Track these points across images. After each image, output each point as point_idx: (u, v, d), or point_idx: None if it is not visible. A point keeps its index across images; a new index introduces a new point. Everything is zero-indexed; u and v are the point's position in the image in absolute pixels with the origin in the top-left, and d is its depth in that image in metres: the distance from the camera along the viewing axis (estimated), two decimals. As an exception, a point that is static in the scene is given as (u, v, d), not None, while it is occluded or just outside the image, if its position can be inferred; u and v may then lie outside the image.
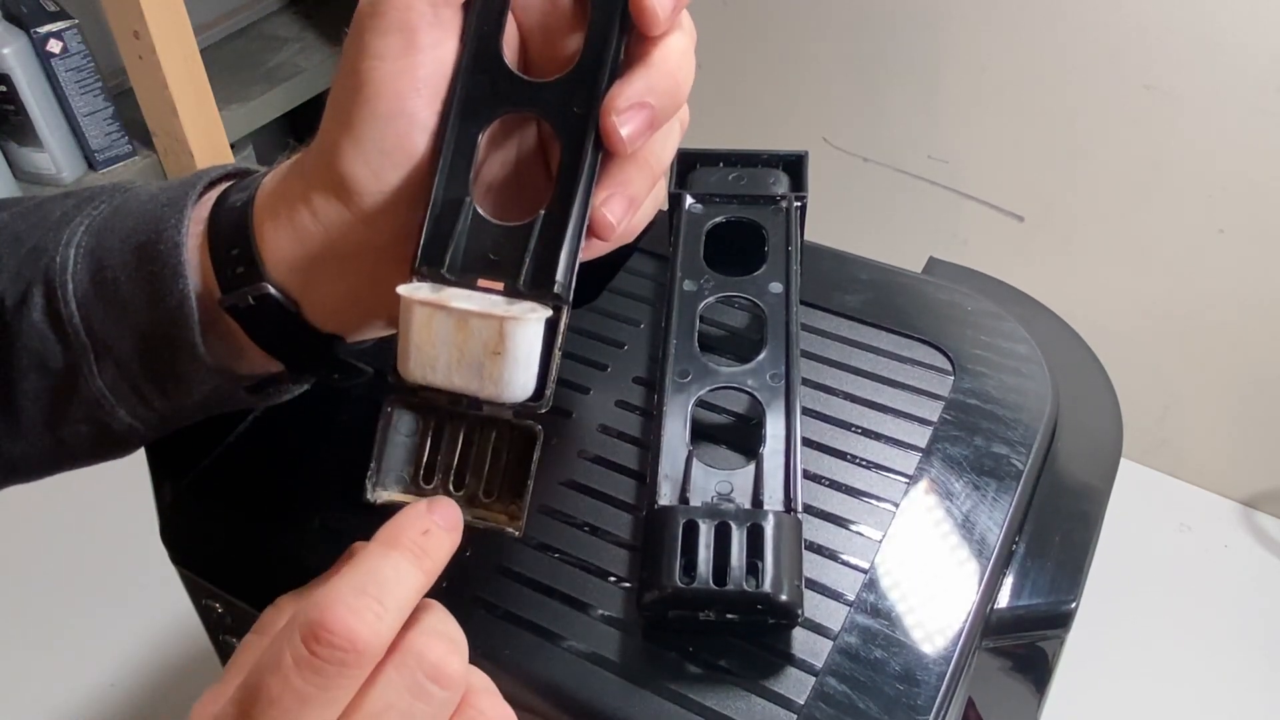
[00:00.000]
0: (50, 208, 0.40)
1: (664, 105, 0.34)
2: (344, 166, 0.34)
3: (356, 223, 0.35)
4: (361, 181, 0.34)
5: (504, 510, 0.35)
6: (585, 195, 0.33)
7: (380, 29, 0.33)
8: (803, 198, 0.53)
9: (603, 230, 0.34)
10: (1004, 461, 0.46)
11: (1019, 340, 0.52)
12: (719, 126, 1.18)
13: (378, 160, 0.34)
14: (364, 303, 0.38)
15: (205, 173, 0.39)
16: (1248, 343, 0.95)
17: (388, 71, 0.33)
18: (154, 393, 0.38)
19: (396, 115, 0.33)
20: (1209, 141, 0.90)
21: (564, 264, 0.33)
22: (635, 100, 0.33)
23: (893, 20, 1.01)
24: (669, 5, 0.33)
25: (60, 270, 0.37)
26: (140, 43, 1.03)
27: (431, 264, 0.34)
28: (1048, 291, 0.61)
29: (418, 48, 0.33)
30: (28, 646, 1.00)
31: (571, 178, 0.33)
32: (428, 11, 0.33)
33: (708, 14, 1.10)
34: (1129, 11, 0.88)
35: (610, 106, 0.33)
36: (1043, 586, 0.45)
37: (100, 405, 0.38)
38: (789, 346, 0.47)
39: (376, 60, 0.33)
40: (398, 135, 0.33)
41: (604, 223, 0.34)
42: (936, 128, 1.04)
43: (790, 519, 0.40)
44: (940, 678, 0.39)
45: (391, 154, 0.34)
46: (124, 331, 0.37)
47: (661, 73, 0.33)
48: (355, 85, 0.33)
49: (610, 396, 0.49)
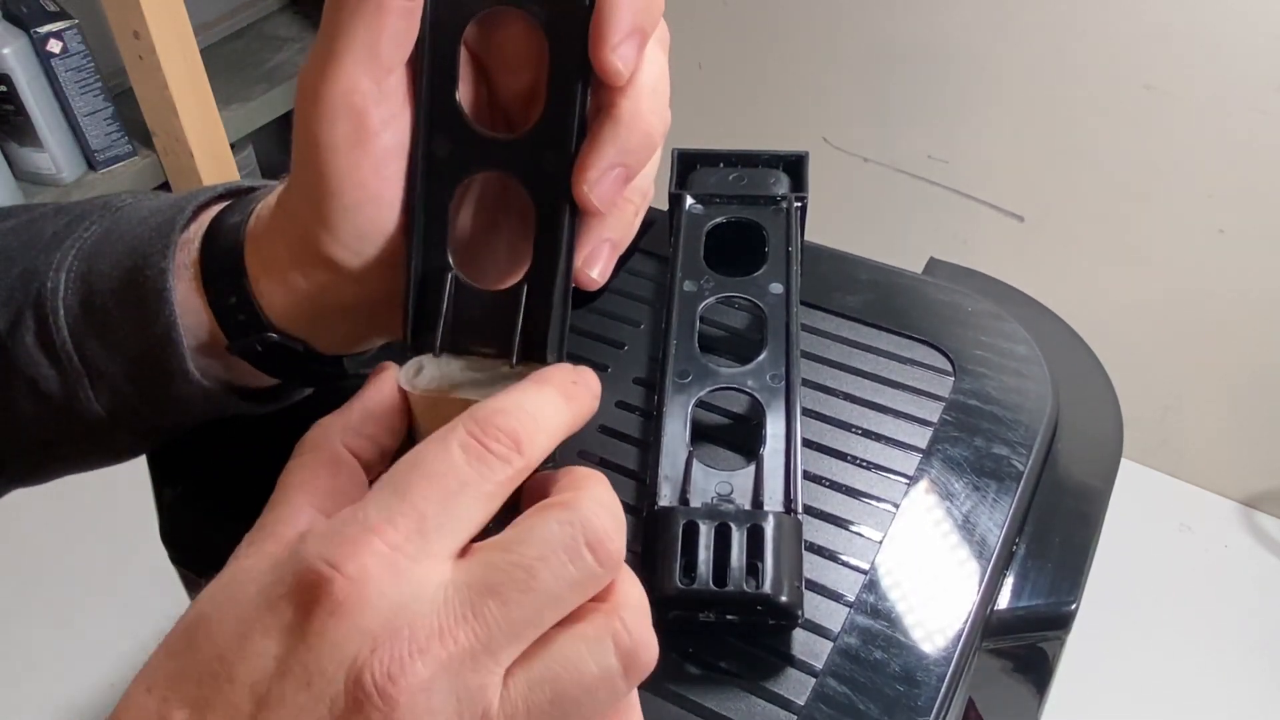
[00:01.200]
0: (42, 226, 0.39)
1: (639, 159, 0.32)
2: (325, 252, 0.33)
3: (349, 285, 0.35)
4: (345, 261, 0.34)
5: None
6: (567, 260, 0.33)
7: (327, 117, 0.31)
8: (803, 198, 0.53)
9: (588, 285, 0.34)
10: (1004, 462, 0.46)
11: (1019, 341, 0.52)
12: (719, 126, 1.18)
13: (357, 244, 0.33)
14: (369, 333, 0.38)
15: (194, 195, 0.39)
16: (1248, 343, 0.95)
17: (345, 163, 0.32)
18: (152, 413, 0.38)
19: (364, 203, 0.32)
20: (1209, 141, 0.89)
21: (554, 333, 0.33)
22: (606, 165, 0.31)
23: (893, 21, 1.01)
24: (631, 56, 0.31)
25: (51, 295, 0.37)
26: (140, 43, 1.03)
27: (422, 339, 0.33)
28: (1048, 291, 0.61)
29: (370, 131, 0.31)
30: (28, 646, 1.00)
31: (550, 243, 0.33)
32: (372, 89, 0.31)
33: (708, 14, 1.10)
34: (1129, 12, 0.88)
35: (581, 177, 0.31)
36: (1043, 587, 0.45)
37: (99, 426, 0.38)
38: (789, 347, 0.47)
39: (330, 153, 0.31)
40: (370, 219, 0.33)
41: (589, 280, 0.33)
42: (936, 128, 1.04)
43: (790, 520, 0.40)
44: (940, 679, 0.39)
45: (369, 236, 0.33)
46: (116, 357, 0.37)
47: (632, 128, 0.32)
48: (315, 179, 0.32)
49: (610, 397, 0.49)
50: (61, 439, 0.39)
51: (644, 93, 0.32)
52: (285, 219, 0.35)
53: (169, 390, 0.37)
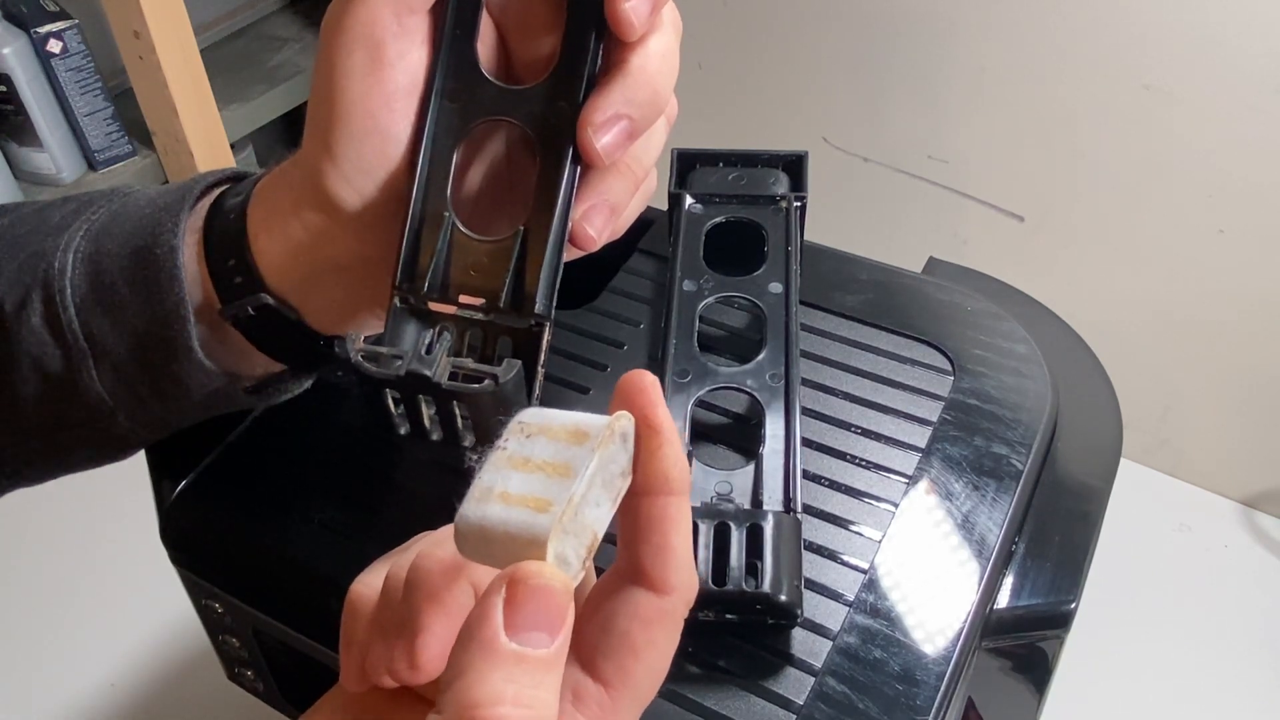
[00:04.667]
0: (49, 213, 0.40)
1: (644, 115, 0.33)
2: (327, 185, 0.34)
3: (346, 236, 0.35)
4: (345, 199, 0.34)
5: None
6: (565, 209, 0.33)
7: (346, 45, 0.32)
8: (803, 198, 0.53)
9: (584, 243, 0.34)
10: (1004, 461, 0.46)
11: (1019, 340, 0.52)
12: (719, 126, 1.18)
13: (359, 178, 0.34)
14: (363, 307, 0.38)
15: (202, 177, 0.39)
16: (1248, 343, 0.95)
17: (357, 89, 0.32)
18: (152, 396, 0.39)
19: (371, 132, 0.33)
20: (1209, 141, 0.89)
21: (544, 285, 0.33)
22: (612, 113, 0.32)
23: (893, 20, 1.01)
24: (644, 10, 0.32)
25: (59, 275, 0.37)
26: (140, 43, 1.03)
27: (411, 281, 0.33)
28: (1048, 291, 0.61)
29: (385, 62, 0.32)
30: (28, 646, 1.00)
31: (550, 191, 0.33)
32: (392, 23, 0.32)
33: (708, 14, 1.10)
34: (1129, 11, 0.88)
35: (586, 120, 0.32)
36: (1042, 587, 0.45)
37: (100, 409, 0.38)
38: (789, 347, 0.47)
39: (345, 78, 0.32)
40: (375, 152, 0.33)
41: (585, 236, 0.33)
42: (936, 128, 1.04)
43: (790, 519, 0.40)
44: (940, 678, 0.39)
45: (371, 171, 0.34)
46: (122, 335, 0.37)
47: (639, 81, 0.32)
48: (328, 104, 0.33)
49: (611, 396, 0.49)
50: (61, 423, 0.39)
51: (653, 53, 0.33)
52: (292, 164, 0.36)
53: (171, 369, 0.37)
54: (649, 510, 0.26)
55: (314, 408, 0.50)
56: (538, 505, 0.23)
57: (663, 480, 0.26)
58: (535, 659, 0.23)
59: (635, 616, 0.26)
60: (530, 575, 0.23)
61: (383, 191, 0.34)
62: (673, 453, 0.26)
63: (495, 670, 0.22)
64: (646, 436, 0.26)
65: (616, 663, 0.25)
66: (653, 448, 0.26)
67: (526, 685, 0.22)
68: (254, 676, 0.53)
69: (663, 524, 0.26)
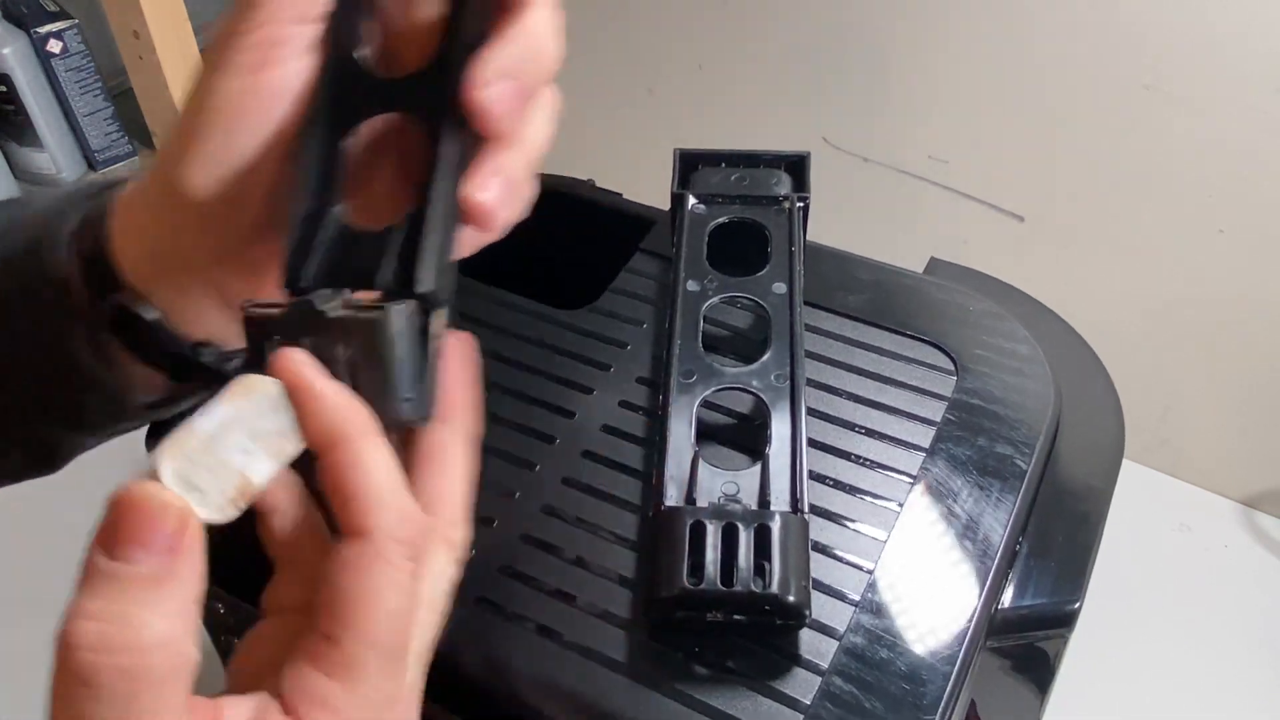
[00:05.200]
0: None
1: (529, 74, 0.32)
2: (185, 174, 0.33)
3: (196, 228, 0.34)
4: (200, 186, 0.33)
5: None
6: (449, 183, 0.32)
7: (238, 46, 0.32)
8: (805, 198, 0.53)
9: (480, 217, 0.32)
10: (1007, 461, 0.46)
11: (1021, 340, 0.52)
12: (719, 126, 1.18)
13: (217, 169, 0.33)
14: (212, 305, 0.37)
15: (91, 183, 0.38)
16: (1248, 343, 0.96)
17: (235, 88, 0.32)
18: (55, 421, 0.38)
19: (239, 130, 0.32)
20: (1209, 141, 0.90)
21: (426, 262, 0.31)
22: (497, 70, 0.31)
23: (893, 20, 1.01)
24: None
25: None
26: (140, 43, 1.03)
27: (296, 280, 0.32)
28: (1048, 291, 0.61)
29: (273, 62, 0.32)
30: (28, 646, 1.00)
31: (435, 168, 0.32)
32: (286, 29, 0.32)
33: (708, 14, 1.10)
34: (1129, 11, 0.88)
35: (471, 80, 0.31)
36: (1046, 586, 0.45)
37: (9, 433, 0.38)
38: (793, 347, 0.47)
39: (227, 76, 0.32)
40: (238, 149, 0.33)
41: (479, 208, 0.32)
42: (936, 128, 1.04)
43: (797, 520, 0.40)
44: (946, 677, 0.39)
45: (231, 163, 0.33)
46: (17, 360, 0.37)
47: (523, 44, 0.31)
48: (202, 97, 0.32)
49: (614, 396, 0.49)
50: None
51: (538, 13, 0.32)
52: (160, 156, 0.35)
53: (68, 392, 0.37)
54: (326, 466, 0.27)
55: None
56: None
57: (325, 435, 0.27)
58: (128, 575, 0.24)
59: (345, 567, 0.26)
60: (127, 493, 0.25)
61: (240, 184, 0.33)
62: (327, 406, 0.27)
63: (87, 584, 0.24)
64: (296, 399, 0.27)
65: (338, 617, 0.26)
66: (307, 409, 0.27)
67: (115, 601, 0.23)
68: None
69: (341, 473, 0.27)
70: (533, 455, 0.47)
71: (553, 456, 0.47)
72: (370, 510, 0.27)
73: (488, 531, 0.44)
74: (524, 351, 0.52)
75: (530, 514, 0.45)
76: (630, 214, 0.60)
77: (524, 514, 0.45)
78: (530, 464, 0.47)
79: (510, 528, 0.44)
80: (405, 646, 0.27)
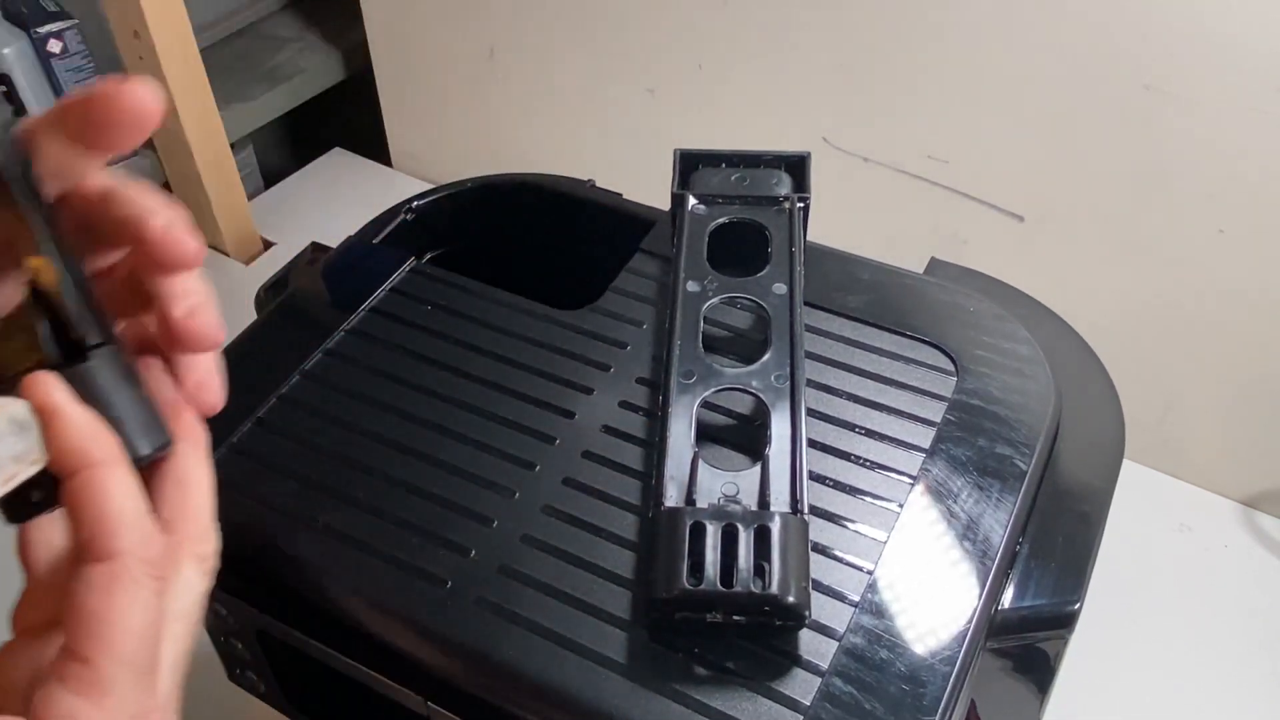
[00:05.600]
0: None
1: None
2: None
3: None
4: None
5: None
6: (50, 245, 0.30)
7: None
8: (805, 198, 0.53)
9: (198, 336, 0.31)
10: (1007, 462, 0.46)
11: (1021, 341, 0.52)
12: (718, 126, 1.18)
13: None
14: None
15: None
16: (1248, 343, 0.95)
17: None
18: None
19: None
20: (1209, 141, 0.90)
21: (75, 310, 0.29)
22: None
23: (893, 20, 1.01)
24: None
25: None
26: (140, 43, 1.03)
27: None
28: (1048, 292, 0.61)
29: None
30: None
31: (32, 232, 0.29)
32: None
33: (708, 14, 1.10)
34: (1129, 11, 0.88)
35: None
36: (1047, 587, 0.45)
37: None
38: (793, 347, 0.47)
39: None
40: None
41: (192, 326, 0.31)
42: (936, 128, 1.04)
43: (797, 520, 0.40)
44: (946, 678, 0.39)
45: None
46: None
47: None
48: None
49: (613, 397, 0.49)
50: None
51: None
52: None
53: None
54: (70, 491, 0.27)
55: (317, 409, 0.50)
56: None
57: (68, 458, 0.27)
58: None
59: (92, 589, 0.27)
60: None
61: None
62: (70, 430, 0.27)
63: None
64: (45, 422, 0.27)
65: (88, 637, 0.26)
66: (52, 431, 0.27)
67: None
68: (256, 678, 0.53)
69: (84, 498, 0.27)
70: (533, 455, 0.47)
71: (553, 456, 0.47)
72: (115, 533, 0.27)
73: (488, 531, 0.44)
74: (524, 351, 0.52)
75: (530, 514, 0.45)
76: (630, 214, 0.60)
77: (524, 514, 0.45)
78: (530, 464, 0.47)
79: (510, 528, 0.44)
80: (156, 661, 0.28)
